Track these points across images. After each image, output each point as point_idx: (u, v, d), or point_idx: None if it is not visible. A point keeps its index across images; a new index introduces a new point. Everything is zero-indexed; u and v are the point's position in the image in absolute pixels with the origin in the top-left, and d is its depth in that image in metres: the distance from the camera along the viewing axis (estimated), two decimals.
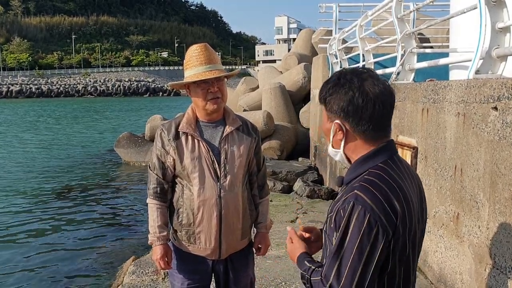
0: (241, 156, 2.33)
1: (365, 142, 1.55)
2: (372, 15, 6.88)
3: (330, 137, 1.61)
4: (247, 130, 2.41)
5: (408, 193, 1.53)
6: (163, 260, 2.36)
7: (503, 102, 2.68)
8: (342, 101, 1.52)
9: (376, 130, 1.54)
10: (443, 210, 3.59)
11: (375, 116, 1.51)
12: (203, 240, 2.30)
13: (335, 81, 1.56)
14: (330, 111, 1.56)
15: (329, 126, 1.59)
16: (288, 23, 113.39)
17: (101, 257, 6.59)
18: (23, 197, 10.42)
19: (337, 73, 1.60)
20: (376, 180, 1.48)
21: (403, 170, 1.58)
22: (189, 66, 2.27)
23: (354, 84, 1.51)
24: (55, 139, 22.73)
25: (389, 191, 1.47)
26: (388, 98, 1.53)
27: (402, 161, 1.63)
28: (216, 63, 2.27)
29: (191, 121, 2.33)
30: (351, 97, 1.50)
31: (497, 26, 3.09)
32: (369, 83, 1.52)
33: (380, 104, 1.51)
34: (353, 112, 1.51)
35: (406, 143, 4.49)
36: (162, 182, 2.34)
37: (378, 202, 1.43)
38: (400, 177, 1.54)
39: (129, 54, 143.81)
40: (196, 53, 2.26)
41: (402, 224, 1.47)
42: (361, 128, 1.53)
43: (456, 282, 3.40)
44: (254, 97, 14.05)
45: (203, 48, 2.27)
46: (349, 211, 1.42)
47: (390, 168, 1.53)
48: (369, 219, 1.40)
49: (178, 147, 2.29)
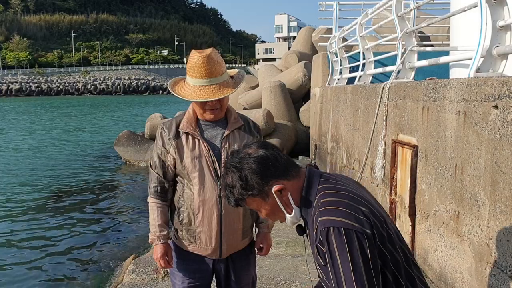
0: None
1: (295, 182, 1.64)
2: (372, 13, 6.87)
3: (282, 209, 1.65)
4: (249, 129, 2.38)
5: (360, 192, 1.62)
6: (164, 259, 2.35)
7: (503, 100, 2.67)
8: (255, 172, 1.60)
9: (293, 167, 1.67)
10: (444, 208, 3.59)
11: (283, 157, 1.66)
12: (203, 239, 2.29)
13: (232, 175, 1.63)
14: (260, 191, 1.61)
15: (272, 202, 1.64)
16: (288, 21, 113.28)
17: (100, 256, 6.58)
18: (21, 196, 10.40)
19: (223, 174, 1.69)
20: (329, 199, 1.54)
21: (340, 178, 1.69)
22: (190, 73, 2.23)
23: (246, 156, 1.63)
24: (55, 137, 22.71)
25: (347, 199, 1.53)
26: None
27: (332, 173, 1.74)
28: (218, 75, 2.20)
29: (191, 120, 2.30)
30: (260, 160, 1.61)
31: (498, 24, 3.08)
32: (251, 150, 1.65)
33: (274, 147, 1.68)
34: (272, 166, 1.61)
35: (406, 141, 4.48)
36: (163, 181, 2.33)
37: (344, 214, 1.48)
38: (344, 184, 1.63)
39: (129, 52, 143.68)
40: (198, 64, 2.18)
41: (376, 219, 1.52)
42: (285, 174, 1.63)
43: (456, 280, 3.40)
44: (254, 96, 14.04)
45: (205, 60, 2.17)
46: (325, 239, 1.46)
47: (330, 183, 1.62)
48: (345, 233, 1.44)
49: (178, 146, 2.28)
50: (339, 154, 7.68)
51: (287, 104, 12.71)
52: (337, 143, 7.89)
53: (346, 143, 7.20)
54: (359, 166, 6.30)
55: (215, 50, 2.25)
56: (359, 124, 6.38)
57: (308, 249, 1.72)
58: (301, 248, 4.76)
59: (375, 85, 5.66)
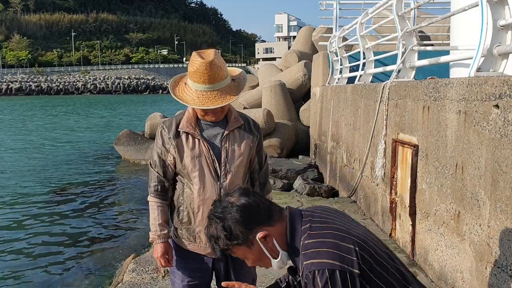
0: (242, 154, 2.30)
1: (278, 226, 1.65)
2: (372, 12, 6.87)
3: (268, 255, 1.65)
4: (249, 128, 2.37)
5: (344, 224, 1.61)
6: (164, 258, 2.35)
7: (504, 100, 2.67)
8: (239, 222, 1.61)
9: (275, 211, 1.67)
10: (444, 208, 3.59)
11: (265, 202, 1.67)
12: (203, 239, 2.28)
13: (216, 225, 1.64)
14: (245, 239, 1.62)
15: (257, 249, 1.64)
16: (288, 21, 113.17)
17: (101, 255, 6.59)
18: (20, 195, 10.40)
19: (206, 225, 1.71)
20: (313, 240, 1.54)
21: (322, 213, 1.67)
22: (191, 77, 2.20)
23: (228, 205, 1.64)
24: (54, 136, 22.70)
25: (331, 238, 1.52)
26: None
27: (314, 208, 1.73)
28: (221, 80, 2.17)
29: (191, 119, 2.29)
30: (242, 209, 1.62)
31: (499, 23, 3.08)
32: (233, 198, 1.66)
33: (256, 194, 1.70)
34: (255, 213, 1.62)
35: (406, 141, 4.48)
36: (163, 180, 2.33)
37: (329, 255, 1.47)
38: (326, 219, 1.62)
39: (128, 51, 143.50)
40: (201, 70, 2.14)
41: (364, 251, 1.51)
42: (268, 220, 1.63)
43: (456, 280, 3.40)
44: (254, 95, 14.03)
45: (208, 66, 2.13)
46: (312, 284, 1.45)
47: (313, 222, 1.61)
48: (329, 273, 1.43)
49: (178, 146, 2.27)
50: (339, 153, 7.68)
51: (287, 103, 12.70)
52: (337, 143, 7.89)
53: (346, 142, 7.20)
54: (359, 165, 6.30)
55: (217, 53, 2.21)
56: (359, 123, 6.38)
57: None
58: None
59: (376, 85, 5.66)
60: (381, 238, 5.21)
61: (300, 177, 8.37)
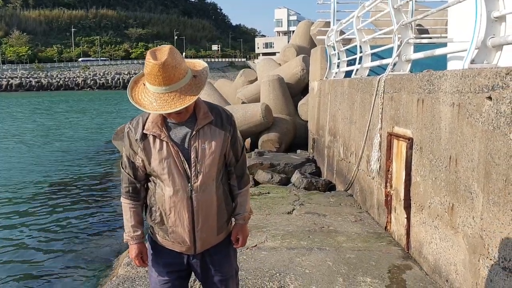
0: (214, 152, 2.20)
1: None
2: (369, 6, 6.84)
3: None
4: (221, 123, 2.25)
5: None
6: (139, 258, 2.35)
7: (497, 91, 2.66)
8: None
9: None
10: (438, 201, 3.58)
11: None
12: (176, 238, 2.27)
13: None
14: None
15: None
16: (288, 15, 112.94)
17: (96, 249, 6.60)
18: (19, 190, 10.41)
19: None
20: None
21: None
22: (147, 79, 2.07)
23: None
24: (53, 131, 22.70)
25: None
26: None
27: None
28: (178, 80, 2.03)
29: (157, 119, 2.18)
30: None
31: (493, 15, 3.06)
32: None
33: None
34: None
35: (401, 134, 4.46)
36: (134, 182, 2.27)
37: None
38: None
39: (128, 47, 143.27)
40: (154, 72, 2.01)
41: None
42: None
43: (450, 273, 3.39)
44: (253, 90, 14.00)
45: (161, 68, 1.99)
46: None
47: None
48: None
49: (145, 148, 2.18)
50: (336, 147, 7.67)
51: (286, 98, 12.67)
52: (334, 137, 7.88)
53: (343, 136, 7.18)
54: (355, 159, 6.29)
55: (172, 51, 2.05)
56: (355, 117, 6.36)
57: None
58: (296, 241, 4.75)
59: (371, 78, 5.64)
60: (377, 231, 5.18)
61: (297, 171, 8.36)
